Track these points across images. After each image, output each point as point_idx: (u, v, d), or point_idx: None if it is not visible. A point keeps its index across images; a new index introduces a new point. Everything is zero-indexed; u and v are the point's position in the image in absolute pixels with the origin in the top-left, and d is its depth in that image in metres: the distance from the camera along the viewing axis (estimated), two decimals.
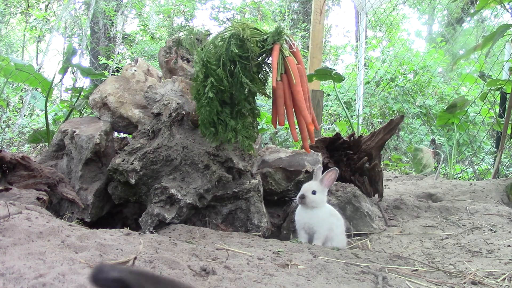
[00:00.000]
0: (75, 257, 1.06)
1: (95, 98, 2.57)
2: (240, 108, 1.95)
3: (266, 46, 1.93)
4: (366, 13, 7.13)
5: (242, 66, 1.90)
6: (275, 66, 1.87)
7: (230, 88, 1.92)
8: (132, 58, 11.81)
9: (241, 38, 1.88)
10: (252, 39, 1.88)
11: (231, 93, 1.93)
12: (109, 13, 11.70)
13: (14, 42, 13.22)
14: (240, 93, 1.91)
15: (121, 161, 2.20)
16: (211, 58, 1.90)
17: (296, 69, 1.90)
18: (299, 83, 1.88)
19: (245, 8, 13.11)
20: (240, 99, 1.93)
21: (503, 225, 2.15)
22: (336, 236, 1.93)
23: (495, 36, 3.05)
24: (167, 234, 1.97)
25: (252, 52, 1.88)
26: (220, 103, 1.93)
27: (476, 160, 5.56)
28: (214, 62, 1.90)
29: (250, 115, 2.00)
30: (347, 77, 7.89)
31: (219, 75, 1.88)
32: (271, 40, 1.93)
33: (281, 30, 1.96)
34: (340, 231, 1.97)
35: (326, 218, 1.94)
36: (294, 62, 1.91)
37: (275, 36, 1.94)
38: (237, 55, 1.89)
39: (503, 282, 1.35)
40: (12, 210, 1.33)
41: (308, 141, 1.97)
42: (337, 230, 1.94)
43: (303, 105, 1.86)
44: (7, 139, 6.61)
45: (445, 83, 8.03)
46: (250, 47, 1.87)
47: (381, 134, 2.82)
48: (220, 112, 1.94)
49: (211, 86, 1.89)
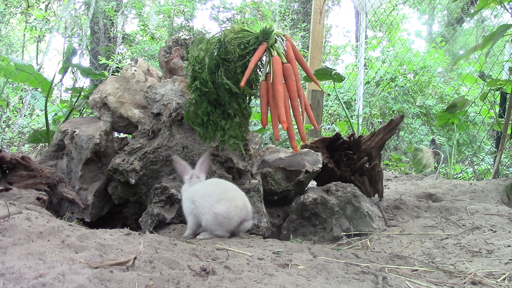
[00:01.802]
0: (75, 257, 1.06)
1: (95, 98, 2.57)
2: (226, 108, 2.00)
3: (249, 47, 1.95)
4: (366, 13, 7.13)
5: (225, 68, 1.96)
6: (251, 66, 1.89)
7: (216, 90, 1.98)
8: (132, 58, 11.81)
9: (223, 41, 1.95)
10: (233, 42, 1.94)
11: (217, 94, 1.99)
12: (109, 13, 11.70)
13: (14, 42, 13.22)
14: (224, 95, 1.96)
15: (121, 161, 2.20)
16: (197, 62, 2.00)
17: (278, 68, 1.90)
18: (279, 82, 1.88)
19: (245, 8, 13.11)
20: (225, 100, 1.98)
21: (503, 225, 2.15)
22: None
23: (495, 36, 3.05)
24: (167, 234, 1.98)
25: (232, 54, 1.93)
26: (210, 104, 2.01)
27: (476, 160, 5.56)
28: (199, 66, 1.99)
29: (239, 115, 2.03)
30: (347, 77, 7.89)
31: (204, 78, 1.96)
32: (253, 41, 1.97)
33: (268, 30, 1.98)
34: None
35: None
36: (278, 61, 1.91)
37: (260, 36, 1.97)
38: (220, 58, 1.96)
39: (503, 282, 1.35)
40: (12, 210, 1.33)
41: (296, 140, 1.97)
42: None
43: (279, 103, 1.86)
44: (7, 139, 6.61)
45: (445, 83, 8.03)
46: (230, 49, 1.93)
47: (381, 134, 2.82)
48: (211, 112, 2.01)
49: (195, 89, 1.99)
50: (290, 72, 1.93)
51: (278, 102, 1.87)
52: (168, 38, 7.58)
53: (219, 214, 1.79)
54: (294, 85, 1.93)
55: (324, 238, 2.21)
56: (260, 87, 1.98)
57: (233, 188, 1.92)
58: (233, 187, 1.93)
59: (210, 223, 1.82)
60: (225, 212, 1.79)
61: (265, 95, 1.95)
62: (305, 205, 2.26)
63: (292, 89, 1.93)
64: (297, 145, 1.98)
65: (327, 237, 2.20)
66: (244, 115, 2.05)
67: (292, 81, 1.93)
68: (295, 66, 1.98)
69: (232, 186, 1.94)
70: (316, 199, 2.26)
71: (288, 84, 1.93)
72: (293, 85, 1.93)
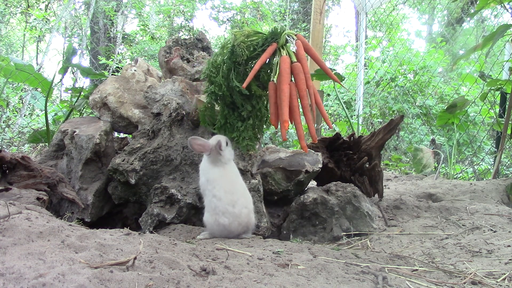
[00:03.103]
0: (75, 257, 1.06)
1: (95, 98, 2.56)
2: (240, 111, 2.04)
3: (258, 49, 1.96)
4: (366, 13, 7.13)
5: (236, 71, 1.99)
6: (256, 67, 1.90)
7: (230, 93, 2.02)
8: (132, 58, 11.80)
9: (233, 44, 1.99)
10: (242, 45, 1.96)
11: (232, 97, 2.03)
12: (109, 13, 11.70)
13: (14, 42, 13.22)
14: (237, 97, 2.00)
15: (121, 161, 2.20)
16: (213, 67, 2.06)
17: (285, 68, 1.89)
18: (284, 82, 1.87)
19: (245, 8, 13.11)
20: (239, 103, 2.02)
21: (503, 225, 2.15)
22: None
23: (495, 36, 3.05)
24: (167, 234, 1.98)
25: (240, 56, 1.95)
26: (228, 107, 2.07)
27: (476, 160, 5.56)
28: (214, 70, 2.04)
29: (252, 117, 2.06)
30: (347, 77, 7.89)
31: (218, 82, 2.01)
32: (261, 42, 1.99)
33: (277, 31, 1.98)
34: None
35: None
36: (285, 61, 1.91)
37: (269, 37, 1.98)
38: (232, 62, 2.00)
39: (503, 282, 1.35)
40: (12, 210, 1.33)
41: (305, 140, 1.97)
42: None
43: (282, 102, 1.86)
44: (7, 139, 6.61)
45: (445, 83, 8.03)
46: (239, 52, 1.96)
47: (381, 134, 2.82)
48: (228, 115, 2.07)
49: (209, 93, 2.06)
50: (299, 71, 1.91)
51: (282, 102, 1.86)
52: (168, 38, 7.57)
53: (220, 223, 1.82)
54: (304, 84, 1.91)
55: (324, 238, 2.21)
56: (269, 87, 1.97)
57: (244, 203, 1.89)
58: (244, 202, 1.89)
59: (209, 223, 1.85)
60: (227, 225, 1.83)
61: (273, 95, 1.94)
62: (305, 205, 2.26)
63: (301, 88, 1.91)
64: (306, 145, 1.97)
65: (327, 237, 2.20)
66: (257, 117, 2.08)
67: (301, 80, 1.90)
68: (305, 64, 1.94)
69: (244, 200, 1.91)
70: (316, 199, 2.26)
71: (297, 83, 1.91)
72: (302, 84, 1.91)
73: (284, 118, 1.84)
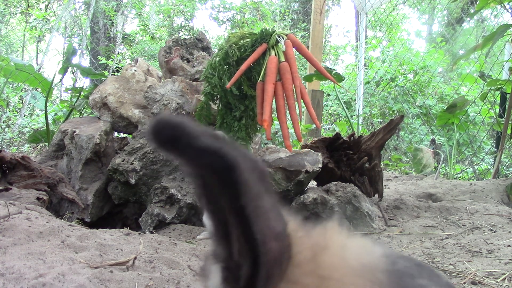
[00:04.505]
0: (75, 257, 1.06)
1: (95, 98, 2.57)
2: (233, 111, 2.06)
3: (248, 50, 1.97)
4: (366, 13, 7.12)
5: (229, 72, 2.02)
6: (242, 68, 1.91)
7: (225, 94, 2.04)
8: (132, 58, 11.80)
9: (226, 46, 2.03)
10: (233, 46, 2.00)
11: (227, 98, 2.05)
12: (109, 13, 11.69)
13: (14, 42, 13.22)
14: (230, 97, 2.03)
15: (121, 161, 2.20)
16: (211, 68, 2.09)
17: (271, 67, 1.90)
18: (269, 81, 1.89)
19: (245, 8, 13.11)
20: (233, 103, 2.04)
21: (503, 225, 2.15)
22: None
23: (495, 36, 3.05)
24: (167, 234, 1.98)
25: (231, 57, 1.99)
26: (225, 107, 2.09)
27: (476, 160, 5.56)
28: (211, 71, 2.08)
29: (245, 117, 2.08)
30: (347, 77, 7.89)
31: (213, 83, 2.04)
32: (251, 43, 2.00)
33: (267, 31, 2.00)
34: None
35: None
36: (272, 61, 1.92)
37: (258, 38, 2.01)
38: (225, 63, 2.03)
39: (503, 282, 1.35)
40: (12, 210, 1.33)
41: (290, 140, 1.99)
42: None
43: (265, 102, 1.88)
44: (7, 139, 6.61)
45: (445, 83, 8.02)
46: (230, 53, 2.00)
47: (381, 134, 2.82)
48: (225, 115, 2.10)
49: (205, 93, 2.09)
50: (286, 71, 1.92)
51: (264, 101, 1.89)
52: (168, 38, 7.57)
53: None
54: (290, 83, 1.92)
55: None
56: (257, 87, 1.99)
57: None
58: None
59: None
60: None
61: (260, 95, 1.96)
62: (305, 205, 2.26)
63: (287, 87, 1.92)
64: (291, 145, 1.99)
65: None
66: (250, 117, 2.09)
67: (287, 80, 1.92)
68: (293, 64, 1.96)
69: None
70: (316, 199, 2.26)
71: (283, 83, 1.92)
72: (288, 83, 1.92)
73: (264, 117, 1.86)
